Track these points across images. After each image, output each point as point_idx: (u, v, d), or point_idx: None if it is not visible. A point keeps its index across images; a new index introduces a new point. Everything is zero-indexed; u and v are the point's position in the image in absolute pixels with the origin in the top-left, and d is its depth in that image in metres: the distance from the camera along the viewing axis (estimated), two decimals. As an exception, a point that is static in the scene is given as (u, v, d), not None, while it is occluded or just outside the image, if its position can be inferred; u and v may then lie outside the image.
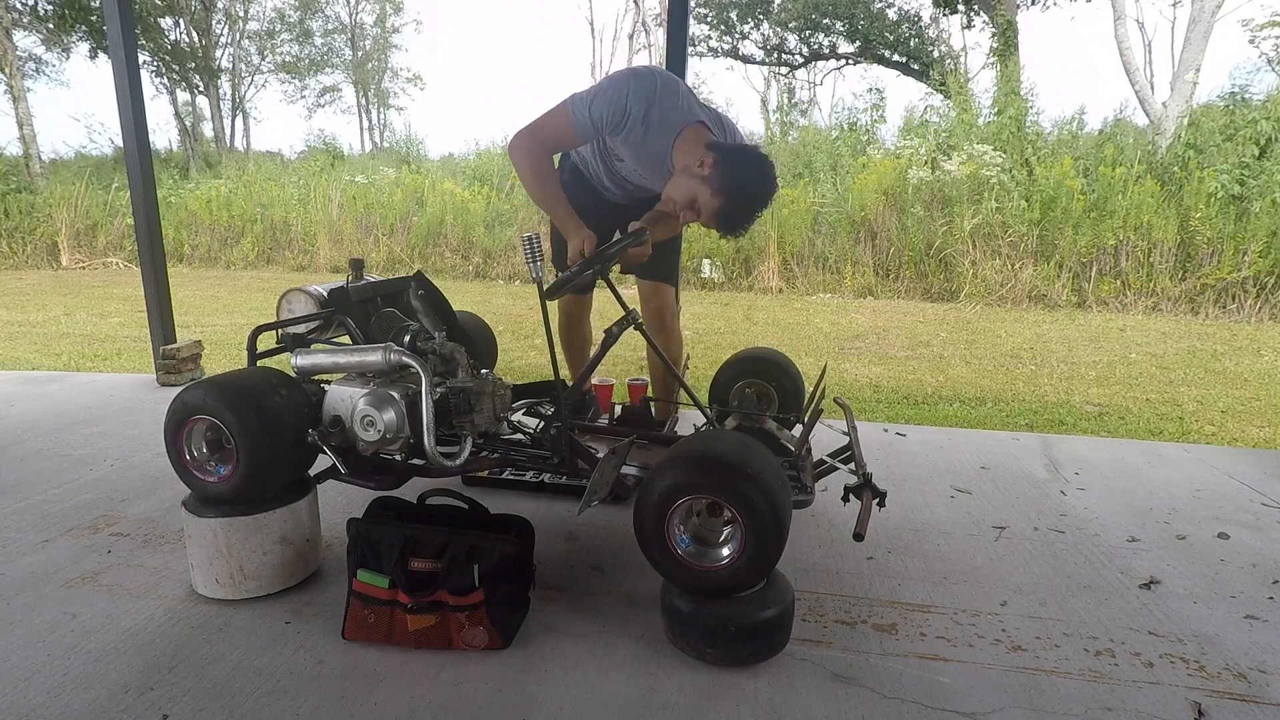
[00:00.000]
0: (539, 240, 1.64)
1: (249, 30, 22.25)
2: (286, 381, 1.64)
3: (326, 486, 1.82)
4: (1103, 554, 1.96)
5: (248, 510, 1.58)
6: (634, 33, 21.12)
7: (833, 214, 8.28)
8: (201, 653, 1.46)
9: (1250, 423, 3.82)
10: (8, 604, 1.63)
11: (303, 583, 1.70)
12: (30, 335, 5.64)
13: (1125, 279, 7.15)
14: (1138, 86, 11.00)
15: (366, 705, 1.31)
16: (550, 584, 1.73)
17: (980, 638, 1.56)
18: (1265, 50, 11.67)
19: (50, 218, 10.05)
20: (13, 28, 13.90)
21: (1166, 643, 1.55)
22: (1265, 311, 6.61)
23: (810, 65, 19.54)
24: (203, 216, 10.28)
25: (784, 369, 2.32)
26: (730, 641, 1.40)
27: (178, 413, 1.58)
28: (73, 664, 1.42)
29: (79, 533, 1.98)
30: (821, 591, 1.73)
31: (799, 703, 1.34)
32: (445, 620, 1.45)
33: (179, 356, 3.57)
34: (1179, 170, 7.54)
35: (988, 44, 12.75)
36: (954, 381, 4.56)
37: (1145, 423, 3.78)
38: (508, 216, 9.80)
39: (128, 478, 2.38)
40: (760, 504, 1.34)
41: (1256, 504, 2.32)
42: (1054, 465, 2.65)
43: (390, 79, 26.97)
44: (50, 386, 3.55)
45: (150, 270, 3.49)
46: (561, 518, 2.10)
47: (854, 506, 1.53)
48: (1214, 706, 1.35)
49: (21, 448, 2.67)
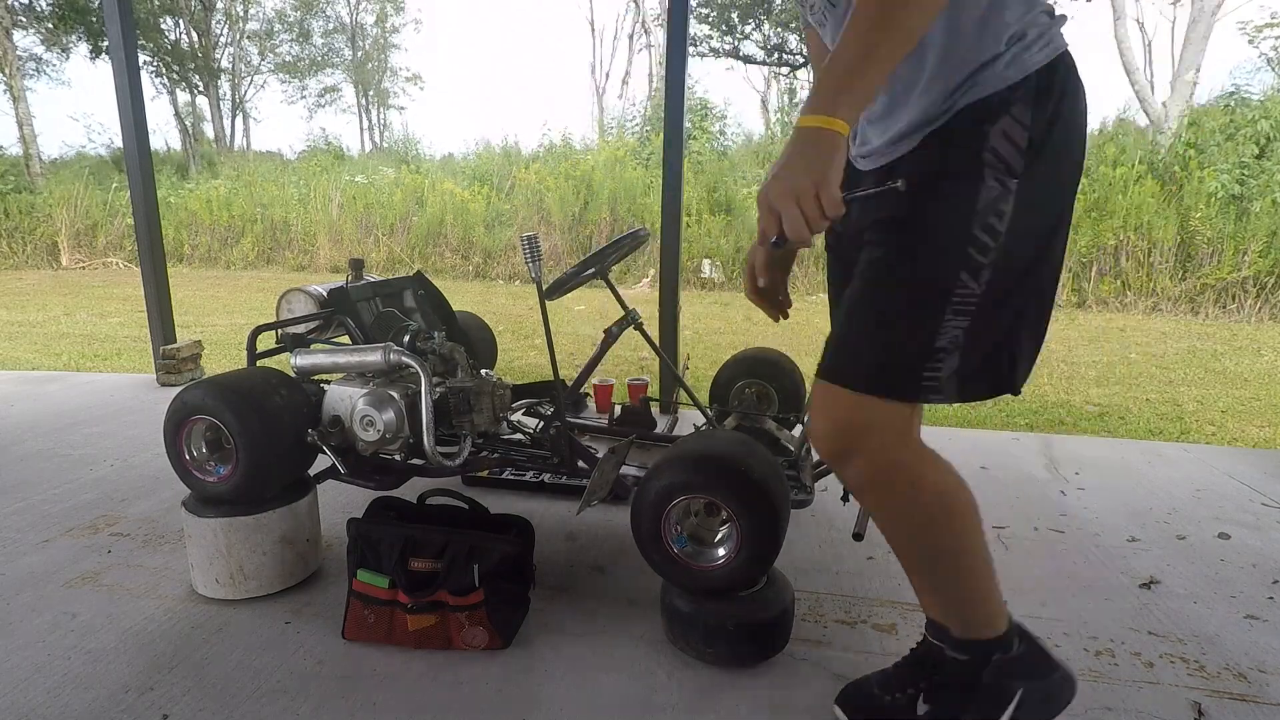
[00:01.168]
0: (538, 240, 1.65)
1: (249, 30, 22.25)
2: (286, 381, 1.64)
3: (326, 486, 1.82)
4: (1103, 554, 1.96)
5: (248, 510, 1.58)
6: (634, 33, 21.14)
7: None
8: (201, 653, 1.46)
9: (1250, 423, 3.82)
10: (8, 604, 1.63)
11: (303, 583, 1.70)
12: (30, 335, 5.64)
13: (1125, 279, 7.15)
14: (1138, 86, 11.00)
15: (366, 705, 1.31)
16: (550, 584, 1.73)
17: (980, 638, 1.56)
18: (1265, 50, 11.68)
19: (50, 218, 10.06)
20: (13, 28, 13.90)
21: (1166, 643, 1.55)
22: (1265, 311, 6.61)
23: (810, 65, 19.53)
24: (203, 216, 10.28)
25: (784, 369, 2.32)
26: (730, 641, 1.40)
27: (178, 413, 1.58)
28: (73, 664, 1.42)
29: (79, 533, 1.98)
30: (821, 591, 1.73)
31: (799, 702, 1.34)
32: (445, 620, 1.45)
33: (179, 356, 3.57)
34: (1179, 170, 7.54)
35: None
36: (954, 381, 4.55)
37: (1145, 423, 3.78)
38: (508, 216, 9.80)
39: (128, 478, 2.38)
40: (756, 503, 1.34)
41: (1256, 504, 2.32)
42: (1054, 465, 2.65)
43: (390, 79, 26.98)
44: (50, 386, 3.55)
45: (150, 270, 3.49)
46: (561, 518, 2.10)
47: (854, 506, 1.53)
48: (1214, 706, 1.35)
49: (21, 448, 2.67)
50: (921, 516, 1.04)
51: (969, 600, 1.11)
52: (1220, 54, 33.19)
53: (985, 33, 0.92)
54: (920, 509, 1.03)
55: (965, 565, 1.08)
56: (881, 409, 0.98)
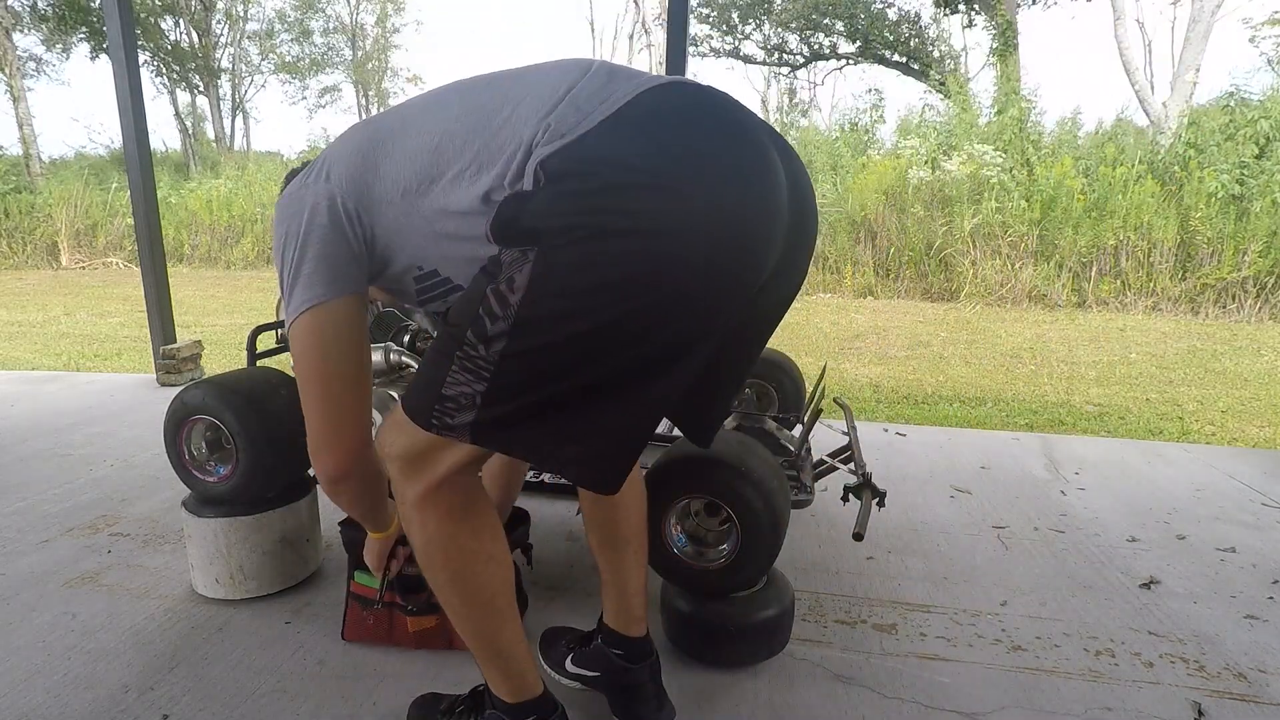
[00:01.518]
0: None
1: (249, 30, 22.26)
2: (286, 381, 1.64)
3: (326, 486, 1.82)
4: (1103, 554, 1.96)
5: (248, 510, 1.58)
6: (634, 33, 21.14)
7: (833, 214, 8.27)
8: (201, 653, 1.46)
9: (1250, 423, 3.82)
10: (8, 604, 1.63)
11: (303, 583, 1.70)
12: (30, 335, 5.64)
13: (1125, 279, 7.15)
14: (1138, 86, 11.01)
15: (366, 705, 1.31)
16: (550, 584, 1.73)
17: (980, 638, 1.56)
18: (1265, 50, 11.68)
19: (50, 218, 10.06)
20: (13, 28, 13.90)
21: (1166, 643, 1.55)
22: (1265, 311, 6.61)
23: (811, 65, 19.55)
24: (203, 216, 10.28)
25: (784, 369, 2.32)
26: (730, 641, 1.40)
27: (177, 413, 1.58)
28: (73, 664, 1.42)
29: (79, 533, 1.98)
30: (821, 591, 1.73)
31: (799, 703, 1.34)
32: (446, 622, 1.44)
33: (179, 356, 3.57)
34: (1179, 170, 7.54)
35: (988, 44, 12.75)
36: (954, 381, 4.56)
37: (1145, 423, 3.78)
38: (508, 216, 9.78)
39: (128, 478, 2.38)
40: (756, 503, 1.34)
41: (1256, 504, 2.32)
42: (1054, 465, 2.65)
43: (390, 79, 26.97)
44: (50, 386, 3.55)
45: (150, 270, 3.49)
46: (561, 517, 2.10)
47: (854, 506, 1.53)
48: (1214, 706, 1.35)
49: (22, 448, 2.67)
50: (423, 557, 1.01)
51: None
52: (1220, 54, 33.21)
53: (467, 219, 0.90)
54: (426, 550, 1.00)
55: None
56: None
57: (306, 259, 0.95)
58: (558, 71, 0.90)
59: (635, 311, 0.81)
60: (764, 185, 0.85)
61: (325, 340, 0.98)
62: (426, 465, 0.95)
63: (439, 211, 0.91)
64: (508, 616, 1.04)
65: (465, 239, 0.91)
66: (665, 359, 0.86)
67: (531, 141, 0.83)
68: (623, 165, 0.80)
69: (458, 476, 0.96)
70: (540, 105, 0.86)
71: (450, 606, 1.02)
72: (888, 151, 9.20)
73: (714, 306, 0.86)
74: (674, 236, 0.79)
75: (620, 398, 0.87)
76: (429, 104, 0.96)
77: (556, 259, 0.81)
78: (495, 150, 0.86)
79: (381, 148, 0.94)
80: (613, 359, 0.84)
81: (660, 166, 0.80)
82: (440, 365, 0.89)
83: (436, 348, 0.92)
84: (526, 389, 0.86)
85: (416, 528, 0.98)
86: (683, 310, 0.83)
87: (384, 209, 0.94)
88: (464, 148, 0.88)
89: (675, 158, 0.81)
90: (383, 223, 0.95)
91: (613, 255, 0.79)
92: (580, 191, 0.80)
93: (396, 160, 0.93)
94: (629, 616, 1.25)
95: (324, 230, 0.95)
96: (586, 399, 0.86)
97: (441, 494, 0.96)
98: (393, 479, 0.99)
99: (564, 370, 0.84)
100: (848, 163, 9.27)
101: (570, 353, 0.83)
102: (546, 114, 0.85)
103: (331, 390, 1.00)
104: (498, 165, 0.85)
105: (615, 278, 0.80)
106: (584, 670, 1.32)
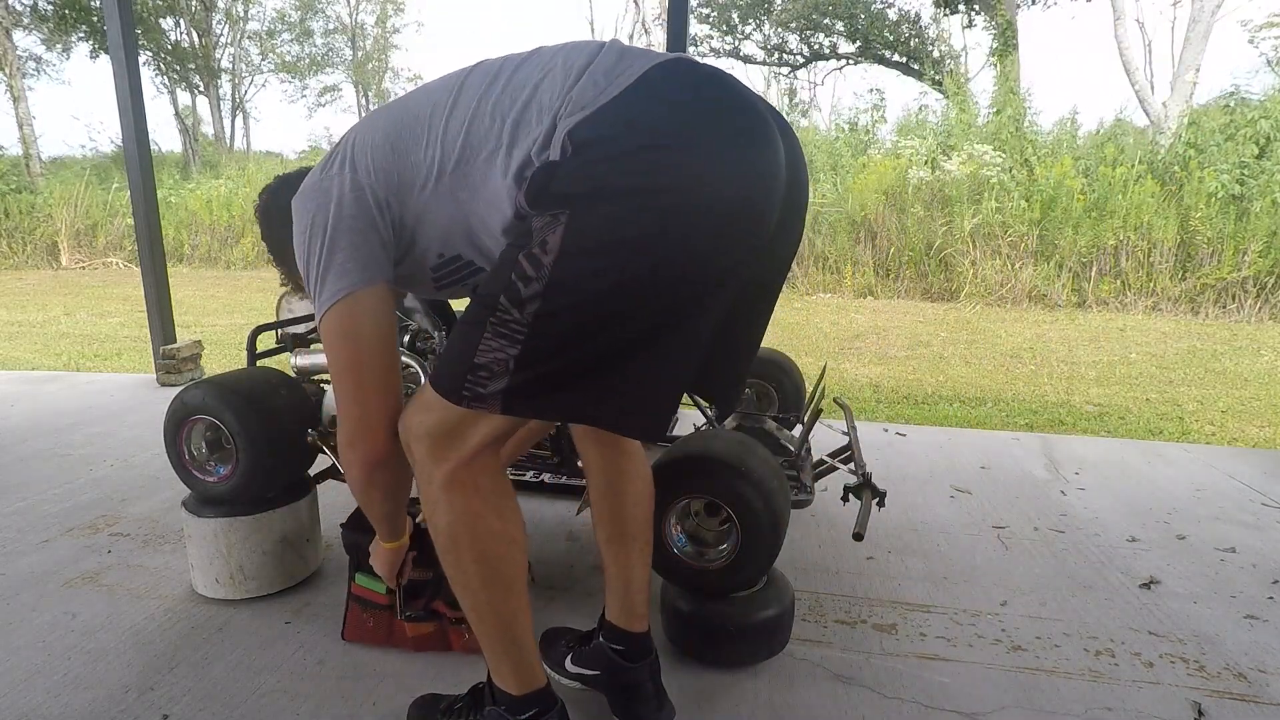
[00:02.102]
0: None
1: (249, 30, 22.26)
2: (286, 381, 1.64)
3: (326, 486, 1.82)
4: (1103, 554, 1.96)
5: (248, 510, 1.58)
6: (634, 33, 21.13)
7: (833, 214, 8.28)
8: (201, 653, 1.46)
9: (1250, 423, 3.82)
10: (8, 604, 1.63)
11: (303, 583, 1.70)
12: (30, 335, 5.64)
13: (1125, 279, 7.15)
14: (1137, 86, 11.01)
15: (366, 705, 1.31)
16: (550, 584, 1.73)
17: (980, 638, 1.56)
18: (1265, 50, 11.68)
19: (50, 218, 10.05)
20: (13, 28, 13.90)
21: (1166, 643, 1.55)
22: (1265, 311, 6.61)
23: (811, 65, 19.55)
24: (203, 216, 10.28)
25: (784, 369, 2.32)
26: (730, 641, 1.40)
27: (177, 413, 1.58)
28: (73, 664, 1.42)
29: (79, 533, 1.98)
30: (821, 591, 1.73)
31: (799, 703, 1.34)
32: (444, 628, 1.44)
33: (179, 356, 3.57)
34: (1179, 170, 7.54)
35: (988, 44, 12.75)
36: (954, 381, 4.56)
37: (1145, 423, 3.78)
38: (508, 216, 9.78)
39: (128, 478, 2.38)
40: (756, 504, 1.34)
41: (1256, 504, 2.32)
42: (1054, 465, 2.65)
43: (390, 79, 26.97)
44: (50, 386, 3.55)
45: (150, 270, 3.49)
46: (562, 517, 2.10)
47: (854, 506, 1.53)
48: (1214, 706, 1.35)
49: (22, 448, 2.66)
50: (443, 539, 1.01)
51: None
52: (1220, 54, 33.17)
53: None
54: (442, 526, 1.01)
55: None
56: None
57: (339, 249, 0.98)
58: (574, 51, 0.95)
59: (663, 263, 0.86)
60: (768, 150, 0.91)
61: (360, 327, 1.00)
62: (455, 442, 0.96)
63: (472, 192, 0.94)
64: (525, 602, 1.05)
65: (495, 218, 0.94)
66: (692, 308, 0.92)
67: (555, 115, 0.88)
68: (646, 129, 0.86)
69: (484, 456, 0.98)
70: (561, 82, 0.91)
71: (470, 590, 1.02)
72: (888, 151, 9.19)
73: (734, 256, 0.92)
74: (696, 192, 0.85)
75: (654, 348, 0.91)
76: (451, 87, 0.99)
77: (588, 219, 0.85)
78: (524, 128, 0.91)
79: (410, 134, 0.97)
80: (645, 311, 0.88)
81: (679, 129, 0.86)
82: (471, 335, 0.91)
83: (466, 319, 0.94)
84: (561, 348, 0.89)
85: (444, 508, 0.99)
86: (707, 260, 0.89)
87: (415, 194, 0.97)
88: (492, 128, 0.93)
89: (691, 122, 0.87)
90: (413, 209, 0.99)
91: (642, 212, 0.85)
92: (607, 156, 0.85)
93: (427, 145, 0.96)
94: (632, 613, 1.26)
95: (353, 220, 0.98)
96: (622, 353, 0.90)
97: (470, 473, 0.98)
98: (418, 462, 1.00)
99: (598, 326, 0.88)
100: (848, 163, 9.27)
101: (604, 308, 0.87)
102: (568, 89, 0.90)
103: (366, 378, 1.02)
104: (526, 141, 0.90)
105: (645, 233, 0.85)
106: (584, 669, 1.32)
